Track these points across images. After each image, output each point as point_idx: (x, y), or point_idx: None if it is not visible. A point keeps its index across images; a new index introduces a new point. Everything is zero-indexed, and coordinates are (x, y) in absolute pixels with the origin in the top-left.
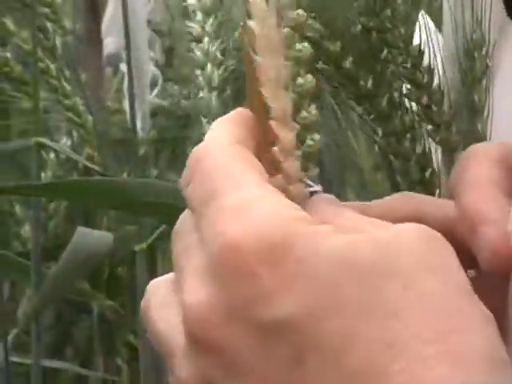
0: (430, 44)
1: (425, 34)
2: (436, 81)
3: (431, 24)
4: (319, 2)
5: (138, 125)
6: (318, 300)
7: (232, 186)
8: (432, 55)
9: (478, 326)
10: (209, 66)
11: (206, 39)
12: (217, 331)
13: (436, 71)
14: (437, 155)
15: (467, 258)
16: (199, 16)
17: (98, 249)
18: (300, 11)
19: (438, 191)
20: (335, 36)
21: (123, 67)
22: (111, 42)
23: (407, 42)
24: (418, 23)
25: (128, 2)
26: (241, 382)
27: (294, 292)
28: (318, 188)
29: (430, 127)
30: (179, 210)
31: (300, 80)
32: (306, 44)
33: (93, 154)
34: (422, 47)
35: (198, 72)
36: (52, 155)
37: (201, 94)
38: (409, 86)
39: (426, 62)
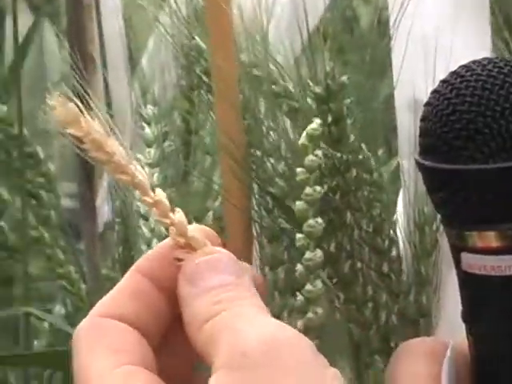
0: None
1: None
2: (396, 249)
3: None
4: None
5: None
6: None
7: None
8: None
9: None
10: (154, 242)
11: (151, 219)
12: None
13: (397, 240)
14: None
15: None
16: None
17: None
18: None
19: None
20: (298, 194)
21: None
22: (108, 210)
23: (371, 205)
24: None
25: None
26: None
27: None
28: None
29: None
30: None
31: (308, 254)
32: (319, 220)
33: None
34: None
35: (144, 247)
36: (46, 324)
37: None
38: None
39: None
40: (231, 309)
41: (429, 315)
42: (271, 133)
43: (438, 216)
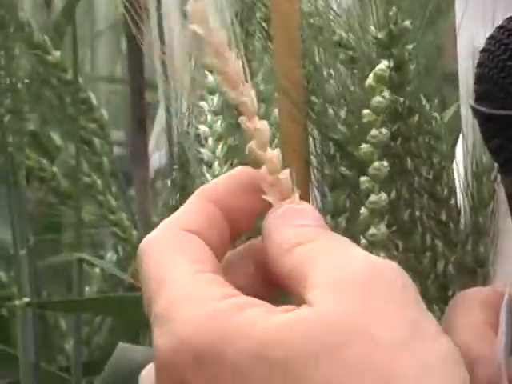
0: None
1: None
2: (454, 198)
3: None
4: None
5: None
6: None
7: (159, 287)
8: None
9: None
10: None
11: (216, 163)
12: None
13: (456, 188)
14: None
15: None
16: (210, 142)
17: (141, 364)
18: None
19: None
20: (360, 140)
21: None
22: (160, 157)
23: (430, 153)
24: None
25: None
26: None
27: None
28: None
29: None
30: None
31: (373, 197)
32: (384, 163)
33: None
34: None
35: None
36: (97, 269)
37: None
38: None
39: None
40: (324, 238)
41: (486, 265)
42: (331, 80)
43: (496, 165)
